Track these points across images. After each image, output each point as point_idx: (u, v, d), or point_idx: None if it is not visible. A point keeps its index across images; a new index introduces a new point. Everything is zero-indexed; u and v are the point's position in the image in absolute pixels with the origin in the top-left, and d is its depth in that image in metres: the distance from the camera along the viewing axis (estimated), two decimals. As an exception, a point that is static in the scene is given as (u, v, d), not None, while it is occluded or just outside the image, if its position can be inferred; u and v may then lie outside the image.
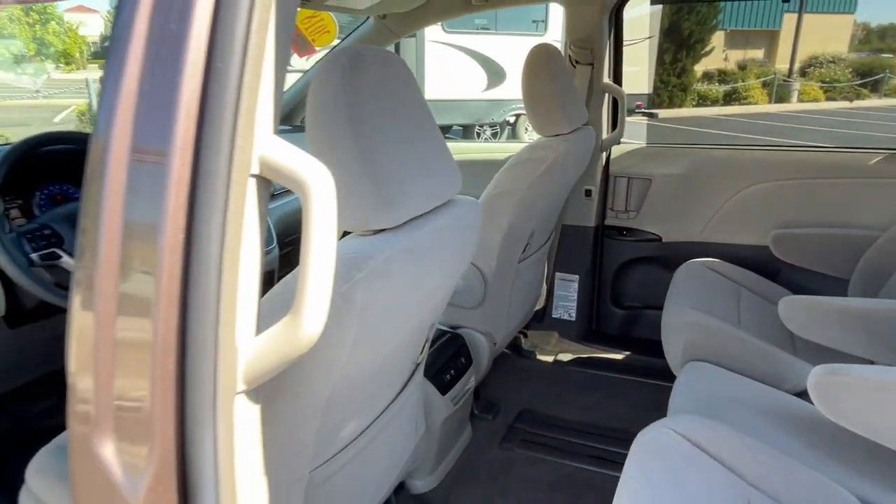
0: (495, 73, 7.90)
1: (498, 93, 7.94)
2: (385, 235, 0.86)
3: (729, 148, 2.34)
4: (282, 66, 0.60)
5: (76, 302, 0.60)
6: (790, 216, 2.04)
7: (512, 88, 7.84)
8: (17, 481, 1.66)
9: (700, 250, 2.11)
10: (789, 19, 17.24)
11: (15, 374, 1.56)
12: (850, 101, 15.10)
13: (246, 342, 0.60)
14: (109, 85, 0.56)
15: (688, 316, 1.57)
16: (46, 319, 1.47)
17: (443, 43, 7.43)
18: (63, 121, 12.27)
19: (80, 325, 0.60)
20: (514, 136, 8.44)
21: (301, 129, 2.45)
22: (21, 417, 1.78)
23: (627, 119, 2.20)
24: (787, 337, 1.64)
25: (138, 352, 0.57)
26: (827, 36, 17.00)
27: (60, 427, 1.96)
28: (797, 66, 16.74)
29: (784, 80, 15.83)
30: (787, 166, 2.07)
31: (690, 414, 1.22)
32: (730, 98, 15.24)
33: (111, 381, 0.57)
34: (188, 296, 0.56)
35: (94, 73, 16.74)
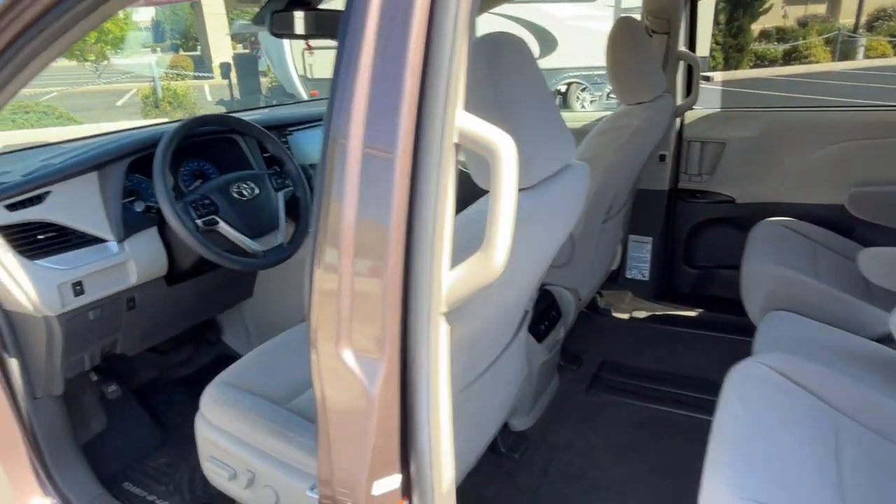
0: (547, 42, 7.84)
1: (549, 62, 7.89)
2: (523, 194, 1.02)
3: (804, 110, 2.39)
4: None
5: (319, 241, 0.77)
6: (865, 175, 2.10)
7: (563, 57, 7.78)
8: (164, 419, 1.94)
9: (774, 210, 2.19)
10: (855, -30, 16.27)
11: (168, 327, 1.81)
12: (924, 55, 14.24)
13: (446, 275, 0.78)
14: (343, 90, 0.72)
15: (768, 269, 1.69)
16: (196, 278, 1.71)
17: (494, 13, 7.43)
18: (125, 104, 12.83)
19: (322, 264, 0.77)
20: (565, 105, 8.41)
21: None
22: (163, 366, 2.06)
23: None
24: (863, 289, 1.73)
25: (373, 285, 0.74)
26: (899, -15, 15.96)
27: (194, 375, 2.23)
28: (863, 19, 15.84)
29: (849, 36, 15.02)
30: (861, 126, 2.11)
31: (779, 352, 1.35)
32: (790, 57, 14.60)
33: (351, 305, 0.75)
34: (412, 240, 0.73)
35: (148, 57, 17.34)
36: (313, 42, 7.54)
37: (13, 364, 1.41)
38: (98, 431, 1.76)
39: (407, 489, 0.83)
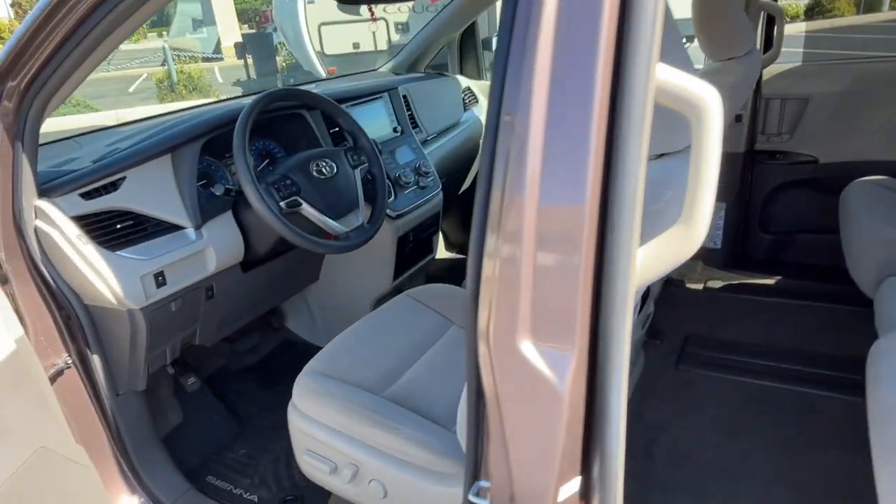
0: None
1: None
2: (669, 159, 0.92)
3: (893, 60, 2.23)
4: None
5: (491, 225, 0.67)
6: None
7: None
8: (237, 409, 1.88)
9: (863, 169, 2.05)
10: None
11: (243, 315, 1.74)
12: (954, 3, 13.67)
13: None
14: (520, 46, 0.61)
15: (881, 232, 1.57)
16: (269, 263, 1.62)
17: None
18: (137, 90, 12.73)
19: (493, 250, 0.67)
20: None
21: (429, 76, 2.49)
22: (231, 355, 1.99)
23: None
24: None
25: (563, 269, 0.64)
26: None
27: (261, 362, 2.16)
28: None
29: (874, -13, 14.46)
30: None
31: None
32: (812, 12, 14.10)
33: (534, 292, 0.66)
34: (608, 215, 0.63)
35: (155, 42, 17.14)
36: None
37: (96, 361, 1.34)
38: (175, 424, 1.71)
39: (585, 492, 0.75)
